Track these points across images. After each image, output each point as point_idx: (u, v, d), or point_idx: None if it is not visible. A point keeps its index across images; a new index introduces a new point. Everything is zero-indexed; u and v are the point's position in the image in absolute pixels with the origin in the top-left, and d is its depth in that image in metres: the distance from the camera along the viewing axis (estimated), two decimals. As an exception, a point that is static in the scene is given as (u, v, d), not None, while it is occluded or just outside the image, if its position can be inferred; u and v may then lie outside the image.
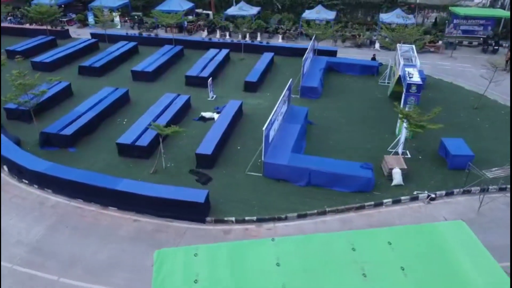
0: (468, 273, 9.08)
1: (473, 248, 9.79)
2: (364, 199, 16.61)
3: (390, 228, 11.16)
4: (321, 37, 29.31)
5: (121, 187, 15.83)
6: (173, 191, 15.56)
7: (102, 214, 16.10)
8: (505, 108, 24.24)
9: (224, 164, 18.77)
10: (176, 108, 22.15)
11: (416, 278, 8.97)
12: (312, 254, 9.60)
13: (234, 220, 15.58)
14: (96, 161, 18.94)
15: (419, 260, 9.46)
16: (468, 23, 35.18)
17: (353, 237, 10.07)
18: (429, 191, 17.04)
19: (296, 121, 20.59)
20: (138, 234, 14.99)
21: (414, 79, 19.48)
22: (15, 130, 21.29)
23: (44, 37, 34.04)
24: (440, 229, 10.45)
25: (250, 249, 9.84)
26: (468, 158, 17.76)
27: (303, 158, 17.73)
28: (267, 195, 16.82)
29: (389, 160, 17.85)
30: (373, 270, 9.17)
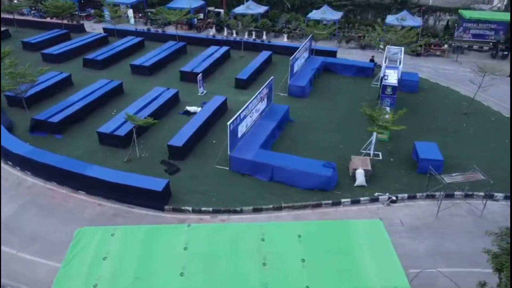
0: (366, 270, 9.26)
1: (381, 247, 9.90)
2: (324, 198, 16.77)
3: (305, 222, 11.41)
4: (318, 37, 29.32)
5: (89, 172, 16.75)
6: (135, 179, 16.33)
7: (71, 197, 17.09)
8: (496, 115, 23.54)
9: (196, 157, 19.37)
10: (161, 101, 22.97)
11: (312, 270, 9.25)
12: (221, 241, 10.04)
13: (191, 210, 16.16)
14: (77, 148, 20.01)
15: (323, 253, 9.73)
16: (479, 27, 34.08)
17: (266, 229, 10.44)
18: (391, 193, 16.96)
19: (273, 118, 20.92)
20: (99, 217, 15.83)
21: (389, 81, 19.35)
22: (12, 115, 22.71)
23: (58, 31, 35.85)
24: (354, 226, 10.64)
25: (165, 233, 10.39)
26: (437, 162, 17.53)
27: (268, 154, 18.06)
28: (229, 188, 17.29)
29: (354, 161, 17.87)
30: (274, 260, 9.51)
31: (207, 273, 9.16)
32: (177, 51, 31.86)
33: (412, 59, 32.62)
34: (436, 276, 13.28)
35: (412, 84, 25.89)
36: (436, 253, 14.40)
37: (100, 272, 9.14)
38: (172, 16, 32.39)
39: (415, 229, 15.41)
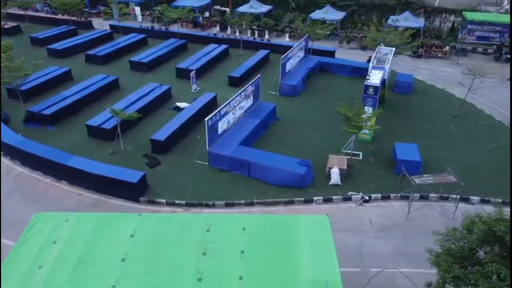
0: (302, 264, 9.48)
1: (321, 242, 10.08)
2: (297, 195, 16.94)
3: (252, 216, 11.65)
4: (315, 37, 29.37)
5: (71, 163, 17.38)
6: (112, 170, 16.86)
7: (54, 186, 17.77)
8: (488, 118, 23.17)
9: (178, 151, 19.80)
10: (152, 97, 23.51)
11: (249, 261, 9.52)
12: (167, 230, 10.40)
13: (164, 202, 16.60)
14: (67, 140, 20.70)
15: (263, 246, 9.98)
16: (483, 29, 33.46)
17: (213, 220, 10.76)
18: (365, 193, 17.00)
19: (257, 116, 21.17)
20: (76, 206, 16.41)
21: (371, 81, 19.34)
22: (11, 107, 23.61)
23: (65, 27, 36.93)
24: (300, 221, 10.86)
25: (116, 221, 10.83)
26: (415, 164, 17.47)
27: (246, 151, 18.31)
28: (205, 183, 17.65)
29: (331, 160, 17.97)
30: (214, 250, 9.82)
31: (147, 260, 9.52)
32: (178, 49, 32.42)
33: (412, 61, 32.38)
34: (396, 276, 13.29)
35: (405, 85, 25.71)
36: (401, 253, 14.41)
37: (48, 255, 9.62)
38: (173, 14, 32.93)
39: (384, 229, 15.43)
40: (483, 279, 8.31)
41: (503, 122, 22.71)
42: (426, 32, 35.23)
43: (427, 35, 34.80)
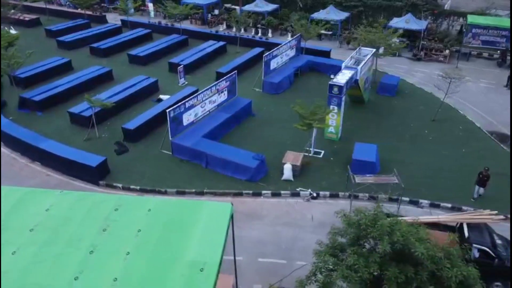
0: (190, 246, 9.99)
1: (215, 228, 10.56)
2: (248, 188, 17.43)
3: (161, 199, 12.25)
4: (307, 36, 29.53)
5: (42, 145, 18.70)
6: (76, 154, 18.03)
7: (27, 166, 19.19)
8: (467, 124, 22.63)
9: (148, 141, 20.72)
10: (137, 88, 24.61)
11: (142, 240, 10.18)
12: (80, 207, 11.22)
13: (121, 187, 17.56)
14: (51, 125, 22.16)
15: (160, 227, 10.59)
16: (489, 33, 32.32)
17: (124, 201, 11.49)
18: (315, 190, 17.24)
19: (229, 111, 21.78)
20: (41, 186, 17.60)
21: (336, 81, 19.47)
22: (10, 93, 25.38)
23: (79, 21, 38.94)
24: (203, 206, 11.39)
25: (39, 195, 11.75)
26: (369, 164, 17.50)
27: (206, 143, 18.95)
28: (164, 171, 18.48)
29: (287, 156, 18.30)
30: (115, 227, 10.54)
31: (52, 231, 10.35)
32: (178, 44, 33.49)
33: (410, 63, 31.87)
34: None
35: (390, 87, 25.47)
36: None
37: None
38: (174, 10, 34.02)
39: (322, 226, 15.52)
40: (343, 269, 8.59)
41: (482, 128, 22.11)
42: (430, 34, 34.42)
43: (431, 38, 34.01)
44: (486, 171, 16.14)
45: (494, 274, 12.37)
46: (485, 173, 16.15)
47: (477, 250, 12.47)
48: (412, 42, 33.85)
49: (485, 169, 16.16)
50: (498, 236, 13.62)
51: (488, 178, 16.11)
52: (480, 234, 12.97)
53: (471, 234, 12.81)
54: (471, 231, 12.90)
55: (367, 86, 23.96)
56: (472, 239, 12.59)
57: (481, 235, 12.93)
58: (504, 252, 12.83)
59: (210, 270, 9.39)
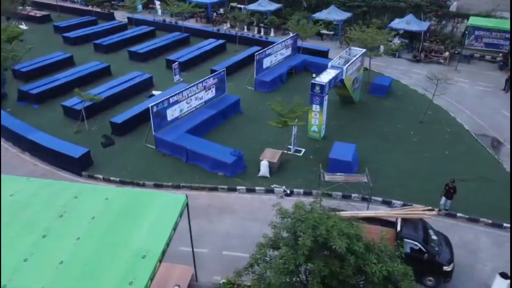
0: (138, 233, 10.43)
1: (166, 218, 10.95)
2: (225, 183, 17.74)
3: (120, 189, 12.67)
4: (303, 36, 29.63)
5: (31, 136, 19.44)
6: (61, 145, 18.68)
7: (17, 156, 19.98)
8: (455, 127, 22.36)
9: (134, 134, 21.24)
10: (130, 84, 25.23)
11: (94, 226, 10.69)
12: (42, 194, 11.80)
13: (102, 178, 18.11)
14: (46, 117, 22.95)
15: (114, 215, 11.09)
16: (492, 36, 31.72)
17: (85, 189, 12.03)
18: (290, 187, 17.42)
19: (215, 107, 22.14)
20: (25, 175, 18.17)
21: (318, 80, 19.58)
22: (13, 86, 26.33)
23: (87, 18, 39.99)
24: (158, 197, 11.82)
25: (8, 182, 12.35)
26: (345, 163, 17.58)
27: (187, 138, 19.33)
28: (146, 164, 18.97)
29: (265, 153, 18.52)
30: (71, 214, 11.07)
31: (12, 216, 10.89)
32: (179, 42, 34.03)
33: (409, 65, 31.57)
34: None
35: (381, 88, 25.37)
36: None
37: None
38: (176, 8, 34.60)
39: (291, 222, 15.79)
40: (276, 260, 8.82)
41: (471, 131, 21.81)
42: (433, 36, 33.99)
43: (433, 39, 33.59)
44: (452, 182, 15.44)
45: (425, 269, 12.54)
46: (451, 185, 15.43)
47: (409, 245, 12.59)
48: (412, 43, 33.49)
49: (451, 180, 15.47)
50: (435, 232, 13.72)
51: (454, 190, 15.44)
52: (412, 229, 13.03)
53: (404, 228, 12.87)
54: (404, 226, 12.95)
55: (357, 86, 23.93)
56: (403, 234, 12.67)
57: (413, 230, 13.00)
58: (436, 248, 12.94)
59: (152, 258, 9.77)
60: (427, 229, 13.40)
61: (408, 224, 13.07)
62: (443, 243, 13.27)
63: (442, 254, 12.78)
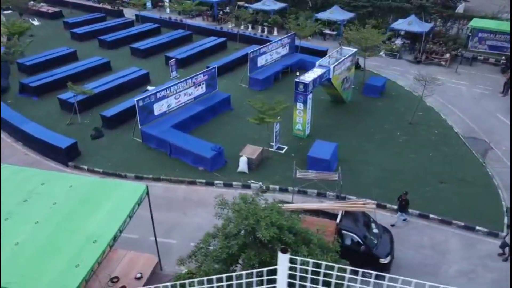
0: (92, 221, 10.85)
1: (122, 207, 11.35)
2: (204, 177, 18.09)
3: (85, 178, 13.14)
4: (301, 35, 29.72)
5: (24, 127, 20.24)
6: (50, 136, 19.37)
7: (11, 145, 20.80)
8: (445, 129, 22.14)
9: (124, 128, 21.78)
10: (127, 79, 25.86)
11: (54, 211, 11.22)
12: (12, 180, 12.34)
13: (86, 169, 18.71)
14: (43, 109, 23.79)
15: (75, 201, 11.59)
16: (496, 38, 31.14)
17: (51, 176, 12.56)
18: (265, 183, 17.62)
19: (204, 104, 22.52)
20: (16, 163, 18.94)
21: (302, 78, 19.71)
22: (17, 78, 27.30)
23: (96, 14, 41.02)
24: (119, 186, 12.28)
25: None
26: (323, 161, 17.68)
27: (172, 133, 19.76)
28: (130, 157, 19.51)
29: (246, 149, 18.77)
30: (35, 199, 11.63)
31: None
32: (181, 39, 34.57)
33: (408, 66, 31.24)
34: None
35: (374, 88, 25.27)
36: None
37: None
38: (178, 6, 35.17)
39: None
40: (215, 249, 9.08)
41: (460, 133, 21.55)
42: (436, 37, 33.55)
43: (436, 41, 33.16)
44: (405, 195, 15.05)
45: (363, 261, 12.48)
46: (404, 197, 15.05)
47: (348, 237, 12.81)
48: (415, 44, 33.14)
49: (404, 193, 15.16)
50: (377, 226, 13.84)
51: (407, 202, 15.05)
52: (352, 222, 13.23)
53: (343, 221, 13.04)
54: (344, 218, 13.13)
55: (347, 86, 23.91)
56: (342, 226, 12.87)
57: (352, 223, 13.19)
58: (375, 241, 13.09)
59: (102, 242, 10.18)
60: (369, 223, 13.64)
61: (348, 217, 13.30)
62: (384, 237, 13.46)
63: (380, 247, 13.02)
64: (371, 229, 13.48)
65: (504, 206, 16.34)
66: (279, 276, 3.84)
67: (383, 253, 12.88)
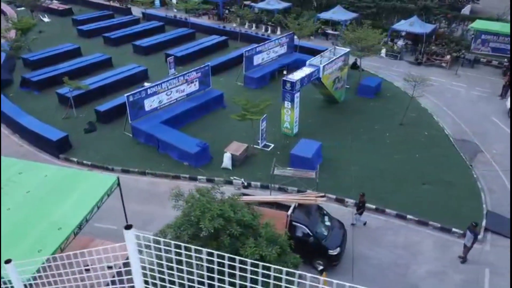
0: (60, 209, 11.29)
1: (90, 196, 11.72)
2: (188, 172, 18.43)
3: (60, 168, 13.56)
4: (299, 34, 29.81)
5: (20, 120, 20.93)
6: (42, 128, 20.00)
7: (8, 137, 21.54)
8: (435, 130, 21.95)
9: (117, 122, 22.27)
10: (125, 75, 26.42)
11: (26, 199, 11.70)
12: (-6, 168, 12.85)
13: (76, 161, 19.26)
14: (42, 103, 24.52)
15: (47, 190, 12.07)
16: (499, 40, 30.63)
17: (29, 166, 13.06)
18: (247, 180, 17.87)
19: (196, 101, 22.87)
20: (10, 154, 19.67)
21: (290, 77, 19.86)
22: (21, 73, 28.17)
23: (104, 12, 41.89)
24: (91, 177, 12.68)
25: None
26: (305, 160, 17.80)
27: (160, 128, 20.15)
28: (120, 151, 19.99)
29: (231, 146, 19.04)
30: (10, 187, 12.12)
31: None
32: (183, 37, 35.04)
33: (408, 67, 30.89)
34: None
35: (368, 89, 25.21)
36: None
37: None
38: (182, 5, 35.66)
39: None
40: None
41: (450, 136, 21.35)
42: (438, 39, 33.17)
43: (438, 42, 32.79)
44: (362, 196, 15.08)
45: (314, 253, 13.07)
46: (361, 199, 15.08)
47: (300, 228, 13.15)
48: (417, 45, 32.83)
49: (361, 194, 15.18)
50: (331, 219, 14.16)
51: (363, 204, 15.06)
52: (303, 214, 13.52)
53: (295, 212, 13.36)
54: (296, 210, 13.44)
55: (339, 86, 23.92)
56: (293, 218, 13.18)
57: (303, 215, 13.47)
58: (325, 233, 13.41)
59: (66, 230, 10.58)
60: (321, 215, 13.99)
61: (301, 209, 13.59)
62: (336, 230, 13.78)
63: (329, 239, 13.32)
64: (323, 222, 13.85)
65: (484, 209, 16.20)
66: (130, 257, 3.89)
67: (333, 245, 13.25)
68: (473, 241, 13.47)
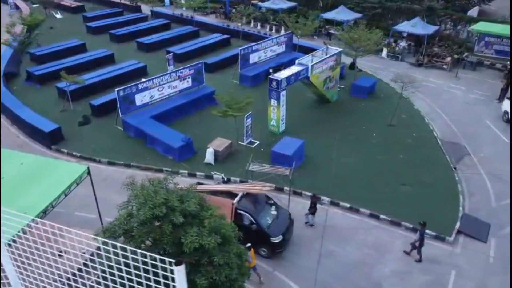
0: (28, 195, 11.90)
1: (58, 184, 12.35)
2: (172, 166, 18.87)
3: (35, 156, 14.14)
4: (299, 34, 29.92)
5: (18, 111, 21.78)
6: (37, 120, 20.77)
7: (6, 128, 22.43)
8: (424, 132, 21.81)
9: (111, 116, 22.86)
10: (124, 71, 27.11)
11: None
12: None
13: (66, 153, 19.96)
14: (43, 96, 25.39)
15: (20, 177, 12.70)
16: (503, 43, 30.02)
17: (7, 155, 13.67)
18: (228, 175, 18.18)
19: (187, 97, 23.33)
20: (6, 144, 20.56)
21: (276, 75, 20.07)
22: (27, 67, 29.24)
23: (113, 9, 42.88)
24: (63, 165, 13.25)
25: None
26: (285, 157, 17.97)
27: (148, 123, 20.66)
28: (110, 144, 20.59)
29: (215, 141, 19.39)
30: (-11, 174, 12.66)
31: None
32: (188, 35, 35.61)
33: (408, 68, 30.67)
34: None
35: (362, 89, 25.16)
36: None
37: None
38: (185, 4, 36.22)
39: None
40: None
41: (439, 138, 21.16)
42: (441, 40, 32.74)
43: (441, 44, 32.37)
44: (313, 197, 15.38)
45: (257, 240, 13.36)
46: (312, 199, 15.33)
47: (245, 217, 13.59)
48: (420, 46, 32.48)
49: (311, 195, 15.28)
50: (278, 209, 14.56)
51: (314, 204, 15.17)
52: (249, 202, 13.99)
53: (241, 201, 13.86)
54: (243, 199, 13.95)
55: (331, 85, 23.96)
56: (238, 206, 13.66)
57: (248, 203, 13.92)
58: (269, 221, 13.84)
59: (30, 215, 11.10)
60: (268, 205, 14.46)
61: (247, 198, 14.07)
62: (281, 220, 14.17)
63: (273, 227, 13.71)
64: (268, 210, 14.32)
65: (461, 212, 16.07)
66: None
67: (276, 233, 13.65)
68: (417, 240, 13.55)
